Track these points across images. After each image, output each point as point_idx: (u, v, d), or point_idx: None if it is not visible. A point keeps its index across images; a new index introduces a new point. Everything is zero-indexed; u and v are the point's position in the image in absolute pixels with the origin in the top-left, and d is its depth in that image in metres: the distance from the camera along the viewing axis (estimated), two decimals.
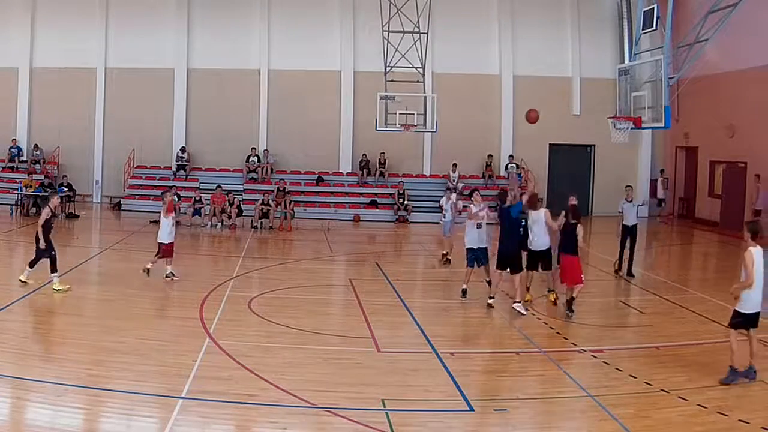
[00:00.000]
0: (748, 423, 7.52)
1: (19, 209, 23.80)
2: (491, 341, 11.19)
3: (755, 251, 8.73)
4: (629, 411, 7.88)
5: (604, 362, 9.65)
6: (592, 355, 9.85)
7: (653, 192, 28.86)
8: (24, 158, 27.39)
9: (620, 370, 9.23)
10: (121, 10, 28.04)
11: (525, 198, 12.71)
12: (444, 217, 17.66)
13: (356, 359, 9.68)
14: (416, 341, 10.64)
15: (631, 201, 15.83)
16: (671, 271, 18.70)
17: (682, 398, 8.23)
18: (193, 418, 7.55)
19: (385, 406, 7.92)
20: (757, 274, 8.62)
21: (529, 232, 12.74)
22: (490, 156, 28.31)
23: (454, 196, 17.85)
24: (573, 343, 10.54)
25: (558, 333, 11.12)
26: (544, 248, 12.78)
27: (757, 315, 8.74)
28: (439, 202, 19.14)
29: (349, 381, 8.75)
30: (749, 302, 8.72)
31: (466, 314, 12.21)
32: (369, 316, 11.91)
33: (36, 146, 27.30)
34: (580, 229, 12.16)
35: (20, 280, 12.83)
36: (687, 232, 25.78)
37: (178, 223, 15.55)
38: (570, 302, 12.02)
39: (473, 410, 7.91)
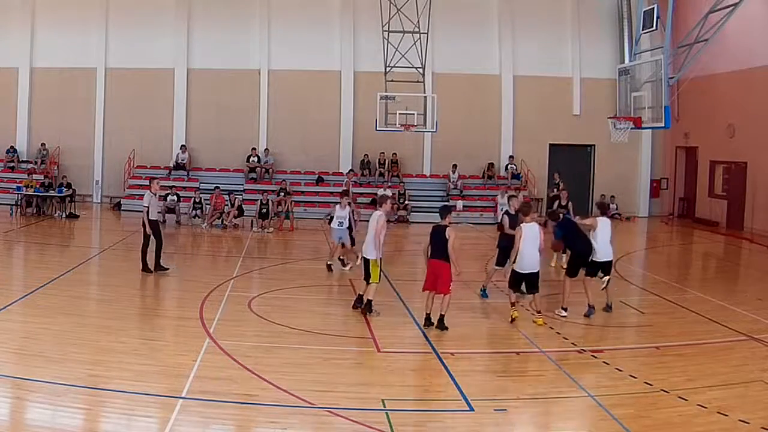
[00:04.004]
0: (748, 423, 7.51)
1: (18, 209, 23.82)
2: (491, 341, 11.18)
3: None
4: (629, 411, 7.87)
5: (604, 362, 9.64)
6: (592, 355, 9.85)
7: (654, 193, 28.90)
8: (24, 158, 27.42)
9: (620, 370, 9.22)
10: (121, 10, 28.05)
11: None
12: (341, 225, 16.12)
13: (356, 359, 9.68)
14: (416, 341, 10.64)
15: None
16: (671, 271, 18.72)
17: (682, 398, 8.22)
18: (193, 418, 7.54)
19: (385, 406, 7.91)
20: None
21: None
22: (491, 164, 28.48)
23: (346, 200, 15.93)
24: (573, 343, 10.54)
25: (558, 333, 11.12)
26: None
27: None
28: (335, 210, 16.67)
29: (349, 381, 8.75)
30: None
31: (466, 314, 12.18)
32: (369, 316, 11.90)
33: (43, 144, 27.37)
34: (450, 232, 10.93)
35: None
36: (687, 232, 25.77)
37: None
38: (440, 319, 11.00)
39: (473, 410, 7.90)
